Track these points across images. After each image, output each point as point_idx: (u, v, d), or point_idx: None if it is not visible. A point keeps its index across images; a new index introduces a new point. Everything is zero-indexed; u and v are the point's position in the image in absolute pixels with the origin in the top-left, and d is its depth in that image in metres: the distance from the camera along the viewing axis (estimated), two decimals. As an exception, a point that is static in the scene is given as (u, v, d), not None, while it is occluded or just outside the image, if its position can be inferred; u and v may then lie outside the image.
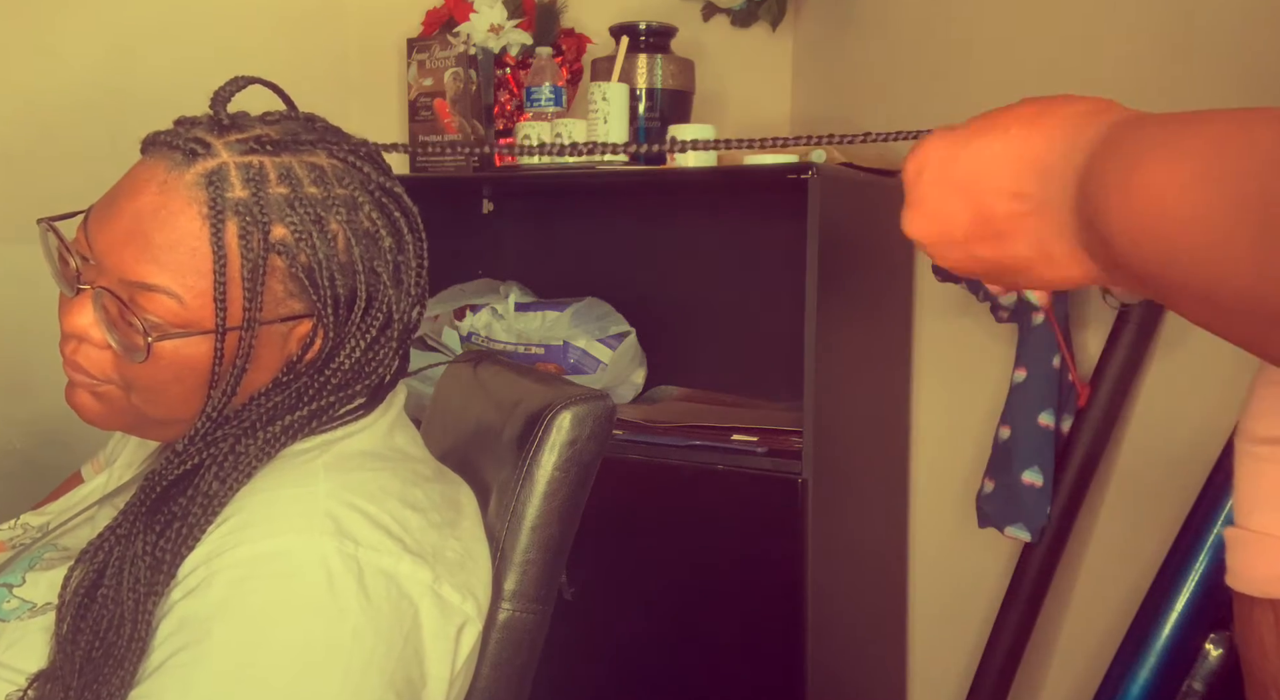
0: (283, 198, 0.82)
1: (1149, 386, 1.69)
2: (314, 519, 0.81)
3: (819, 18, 2.14)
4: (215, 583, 0.78)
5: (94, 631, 0.81)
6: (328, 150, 0.86)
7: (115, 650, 0.79)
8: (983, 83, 1.83)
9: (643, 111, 1.85)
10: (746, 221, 2.02)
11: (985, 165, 0.56)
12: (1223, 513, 1.45)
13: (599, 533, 1.18)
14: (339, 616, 0.78)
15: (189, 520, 0.81)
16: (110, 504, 0.96)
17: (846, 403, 1.73)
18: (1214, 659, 1.45)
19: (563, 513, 0.99)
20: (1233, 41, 1.54)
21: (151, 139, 0.85)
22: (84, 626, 0.81)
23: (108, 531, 0.84)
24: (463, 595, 0.87)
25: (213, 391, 0.84)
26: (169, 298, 0.81)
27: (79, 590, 0.83)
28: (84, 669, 0.80)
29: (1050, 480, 1.64)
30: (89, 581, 0.83)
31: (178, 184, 0.81)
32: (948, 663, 1.95)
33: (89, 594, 0.82)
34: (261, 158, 0.83)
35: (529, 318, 1.99)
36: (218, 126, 0.84)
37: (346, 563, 0.79)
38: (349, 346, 0.86)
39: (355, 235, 0.85)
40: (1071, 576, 1.80)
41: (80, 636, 0.81)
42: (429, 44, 1.94)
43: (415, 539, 0.85)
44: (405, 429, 0.95)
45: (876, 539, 1.92)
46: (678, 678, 1.73)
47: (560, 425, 0.98)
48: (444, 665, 0.85)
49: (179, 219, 0.81)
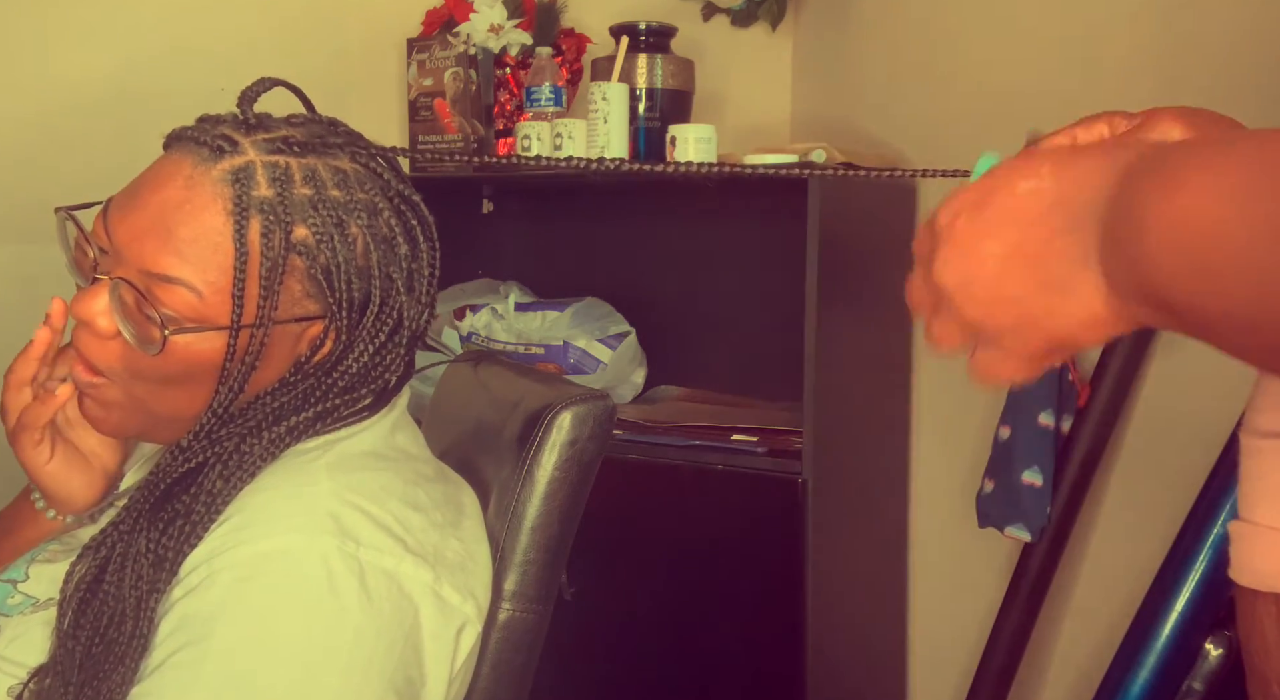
0: (306, 199, 0.83)
1: (1149, 386, 1.69)
2: (316, 518, 0.81)
3: (819, 18, 2.14)
4: (217, 582, 0.78)
5: (95, 627, 0.81)
6: (351, 155, 0.87)
7: (116, 647, 0.80)
8: (983, 83, 1.83)
9: (642, 111, 1.85)
10: (746, 221, 2.02)
11: (1018, 201, 0.55)
12: (1223, 513, 1.45)
13: (599, 533, 1.18)
14: (340, 616, 0.79)
15: (192, 518, 0.81)
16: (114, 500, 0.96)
17: (846, 403, 1.73)
18: (1214, 659, 1.45)
19: (563, 513, 0.99)
20: (1234, 42, 1.54)
21: (177, 134, 0.86)
22: (85, 622, 0.82)
23: (110, 527, 0.84)
24: (463, 596, 0.87)
25: (220, 387, 0.84)
26: (188, 291, 0.81)
27: (81, 586, 0.83)
28: (84, 665, 0.80)
29: (1050, 480, 1.64)
30: (91, 577, 0.83)
31: (204, 179, 0.82)
32: (948, 662, 1.95)
33: (91, 590, 0.83)
34: (287, 158, 0.83)
35: (529, 318, 1.99)
36: (244, 125, 0.85)
37: (348, 562, 0.80)
38: (358, 350, 0.86)
39: (374, 240, 0.85)
40: (1071, 576, 1.80)
41: (81, 632, 0.81)
42: (429, 44, 1.94)
43: (417, 539, 0.85)
44: (407, 428, 0.96)
45: (876, 539, 1.92)
46: (678, 677, 1.73)
47: (560, 425, 0.98)
48: (443, 666, 0.85)
49: (203, 214, 0.81)
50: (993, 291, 0.56)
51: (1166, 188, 0.47)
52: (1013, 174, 0.56)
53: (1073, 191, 0.53)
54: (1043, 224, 0.53)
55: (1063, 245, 0.53)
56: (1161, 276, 0.47)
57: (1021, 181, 0.55)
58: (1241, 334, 0.46)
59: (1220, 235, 0.44)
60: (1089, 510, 1.75)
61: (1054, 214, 0.53)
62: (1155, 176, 0.48)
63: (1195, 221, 0.45)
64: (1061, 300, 0.53)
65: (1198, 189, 0.46)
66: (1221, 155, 0.47)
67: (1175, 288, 0.47)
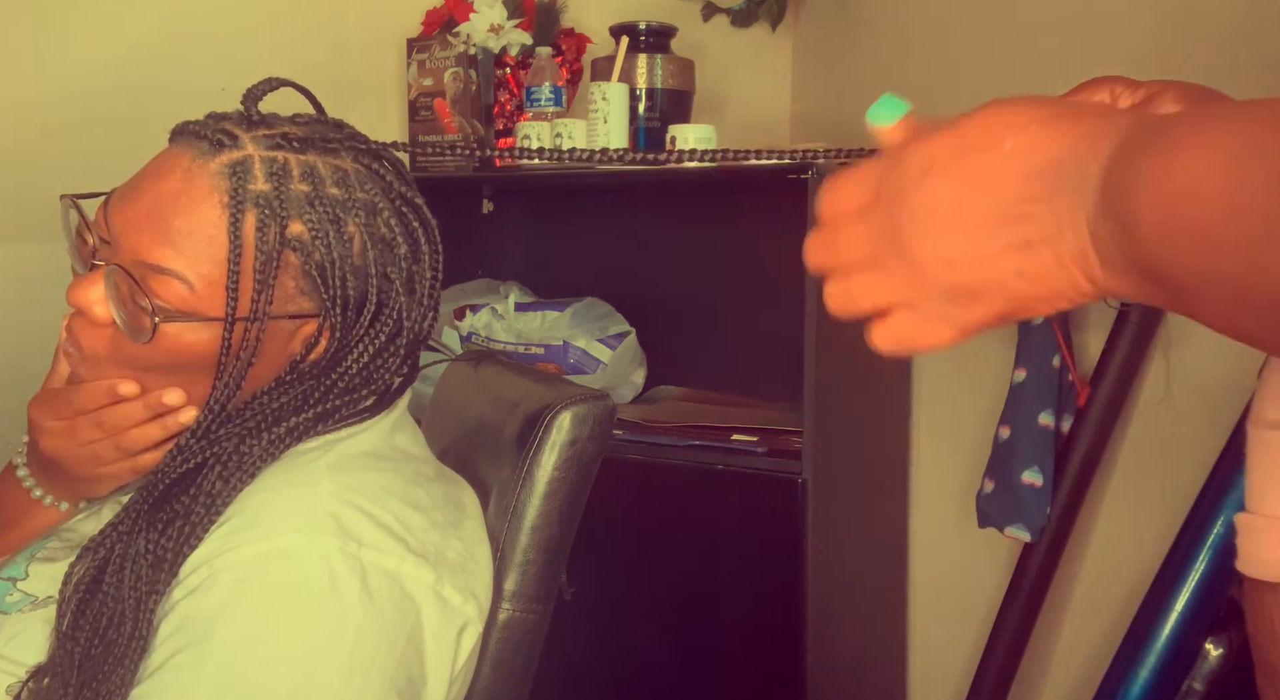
0: (303, 195, 0.83)
1: (1149, 386, 1.69)
2: (316, 519, 0.81)
3: (819, 18, 2.14)
4: (217, 582, 0.78)
5: (94, 629, 0.81)
6: (353, 154, 0.87)
7: (115, 648, 0.79)
8: (983, 83, 1.83)
9: (643, 111, 1.85)
10: (746, 221, 2.02)
11: (1003, 159, 0.52)
12: (1223, 512, 1.45)
13: (599, 533, 1.18)
14: (342, 616, 0.78)
15: (191, 519, 0.81)
16: (114, 499, 0.96)
17: (846, 403, 1.73)
18: (1214, 659, 1.45)
19: (563, 513, 0.99)
20: (1235, 42, 1.54)
21: (180, 128, 0.86)
22: (84, 623, 0.82)
23: (109, 528, 0.84)
24: (464, 597, 0.87)
25: (217, 382, 0.84)
26: (180, 283, 0.82)
27: (80, 586, 0.83)
28: (83, 665, 0.80)
29: (1050, 480, 1.64)
30: (90, 577, 0.83)
31: (202, 172, 0.82)
32: (948, 662, 1.95)
33: (90, 590, 0.83)
34: (286, 154, 0.84)
35: (529, 318, 1.99)
36: (247, 121, 0.85)
37: (349, 563, 0.80)
38: (357, 352, 0.86)
39: (371, 240, 0.85)
40: (1071, 576, 1.80)
41: (80, 633, 0.81)
42: (429, 44, 1.94)
43: (418, 539, 0.85)
44: (407, 428, 0.95)
45: (876, 539, 1.92)
46: (678, 677, 1.73)
47: (560, 425, 0.98)
48: (444, 666, 0.85)
49: (199, 206, 0.82)
50: (963, 251, 0.53)
51: (1164, 151, 0.46)
52: (996, 127, 0.53)
53: (1065, 154, 0.50)
54: (1027, 185, 0.51)
55: (1046, 209, 0.50)
56: (1153, 242, 0.46)
57: (1009, 138, 0.52)
58: (1231, 304, 0.45)
59: (1217, 198, 0.43)
60: (1089, 510, 1.75)
61: (1043, 177, 0.51)
62: (1154, 142, 0.47)
63: (1192, 184, 0.44)
64: (1036, 265, 0.51)
65: (1196, 150, 0.45)
66: (1221, 119, 0.46)
67: (1167, 254, 0.46)
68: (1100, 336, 1.70)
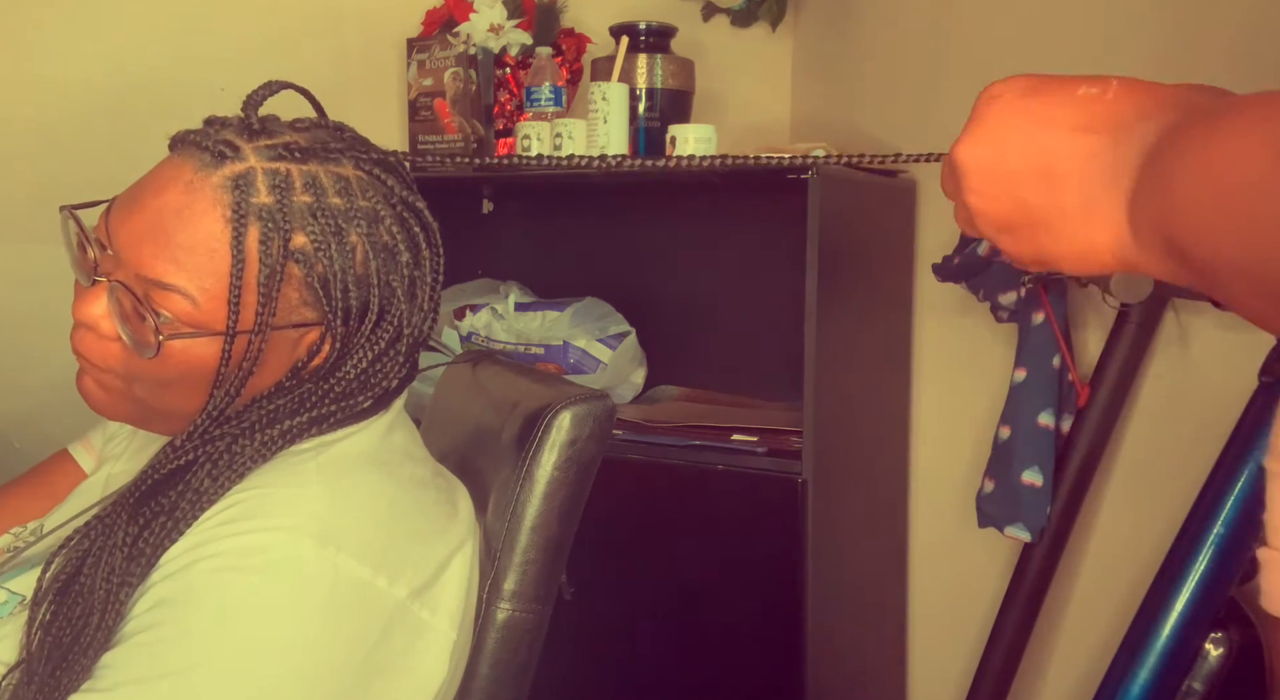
0: (306, 206, 0.82)
1: (1149, 386, 1.69)
2: (300, 519, 0.81)
3: (819, 18, 2.14)
4: (195, 569, 0.79)
5: (67, 618, 0.81)
6: (354, 161, 0.86)
7: (83, 637, 0.80)
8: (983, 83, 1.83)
9: (642, 111, 1.85)
10: (746, 221, 2.02)
11: (1064, 104, 0.53)
12: (1223, 513, 1.45)
13: (599, 533, 1.18)
14: (300, 624, 0.79)
15: (175, 515, 0.81)
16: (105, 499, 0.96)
17: (846, 403, 1.73)
18: (1214, 659, 1.45)
19: (562, 513, 0.99)
20: (1238, 43, 1.54)
21: (180, 137, 0.86)
22: (60, 614, 0.82)
23: (94, 520, 0.85)
24: (434, 611, 0.87)
25: (216, 391, 0.84)
26: (183, 298, 0.81)
27: (59, 577, 0.83)
28: (52, 655, 0.81)
29: (1050, 480, 1.64)
30: (70, 569, 0.83)
31: (204, 185, 0.81)
32: (948, 663, 1.95)
33: (68, 582, 0.83)
34: (288, 165, 0.83)
35: (529, 318, 1.99)
36: (247, 130, 0.84)
37: (322, 567, 0.80)
38: (356, 357, 0.86)
39: (374, 248, 0.85)
40: (1071, 576, 1.80)
41: (53, 625, 0.82)
42: (429, 44, 1.94)
43: (399, 550, 0.85)
44: (404, 427, 0.95)
45: (876, 539, 1.92)
46: (678, 678, 1.73)
47: (560, 425, 0.98)
48: (411, 680, 0.85)
49: (202, 220, 0.81)
50: (1007, 187, 0.54)
51: (1206, 132, 0.46)
52: (1076, 78, 0.54)
53: (1130, 118, 0.51)
54: (1084, 139, 0.52)
55: (1095, 170, 0.51)
56: (1188, 222, 0.46)
57: (1085, 85, 0.53)
58: (1257, 287, 0.45)
59: (1249, 180, 0.43)
60: (1089, 510, 1.75)
61: (1101, 135, 0.52)
62: (1199, 124, 0.47)
63: (1228, 163, 0.45)
64: (1067, 223, 0.52)
65: (1234, 132, 0.45)
66: (1263, 103, 0.46)
67: (1200, 235, 0.46)
68: (1100, 336, 1.70)
